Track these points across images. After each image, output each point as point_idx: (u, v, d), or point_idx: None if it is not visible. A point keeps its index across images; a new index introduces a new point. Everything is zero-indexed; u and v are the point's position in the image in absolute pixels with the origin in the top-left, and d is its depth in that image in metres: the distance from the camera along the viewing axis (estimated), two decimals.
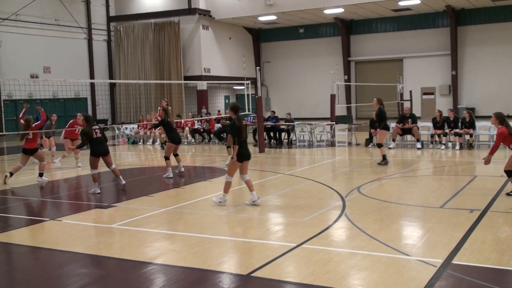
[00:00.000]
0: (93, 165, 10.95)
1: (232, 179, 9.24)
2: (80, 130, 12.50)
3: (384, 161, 13.71)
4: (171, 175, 12.75)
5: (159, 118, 15.36)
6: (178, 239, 7.35)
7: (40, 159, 12.86)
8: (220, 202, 9.26)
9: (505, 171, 9.38)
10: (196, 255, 6.48)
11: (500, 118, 9.36)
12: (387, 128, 14.32)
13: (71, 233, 7.85)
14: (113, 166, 11.32)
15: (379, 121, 14.17)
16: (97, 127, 11.10)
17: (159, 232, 7.72)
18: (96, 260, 6.56)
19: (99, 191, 10.90)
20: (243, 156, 9.14)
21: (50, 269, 6.36)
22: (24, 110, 14.35)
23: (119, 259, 6.49)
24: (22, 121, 12.83)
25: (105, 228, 8.12)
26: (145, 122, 22.73)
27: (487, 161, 9.35)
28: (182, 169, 13.38)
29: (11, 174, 12.70)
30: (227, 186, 9.23)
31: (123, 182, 11.28)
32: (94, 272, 6.24)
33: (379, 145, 13.95)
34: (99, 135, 10.99)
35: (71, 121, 15.44)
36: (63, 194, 11.58)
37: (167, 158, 12.82)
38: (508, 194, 9.43)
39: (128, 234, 7.66)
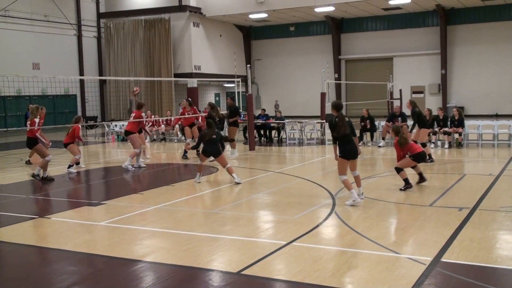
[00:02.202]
0: (202, 159, 11.42)
1: (345, 177, 8.98)
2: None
3: (430, 159, 13.65)
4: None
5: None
6: (168, 237, 7.33)
7: (73, 153, 13.67)
8: (353, 201, 8.79)
9: (395, 168, 10.32)
10: (186, 253, 6.47)
11: (395, 131, 10.48)
12: (427, 126, 14.28)
13: (60, 231, 7.81)
14: (228, 165, 11.36)
15: (418, 122, 14.11)
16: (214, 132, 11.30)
17: (149, 230, 7.70)
18: (85, 258, 6.53)
19: (200, 180, 11.33)
20: (348, 153, 8.95)
21: (39, 267, 6.32)
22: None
23: (108, 256, 6.47)
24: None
25: (95, 225, 8.08)
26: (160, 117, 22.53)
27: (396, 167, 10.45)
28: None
29: (70, 166, 13.56)
30: (347, 184, 8.95)
31: (237, 179, 11.15)
32: (83, 270, 6.21)
33: (424, 145, 13.92)
34: (213, 136, 11.17)
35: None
36: (52, 191, 11.50)
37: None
38: (401, 190, 10.07)
39: (118, 231, 7.64)
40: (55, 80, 28.11)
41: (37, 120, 12.29)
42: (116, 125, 24.45)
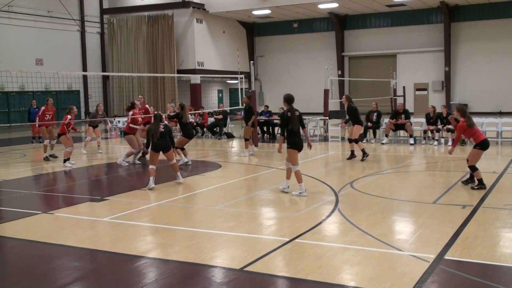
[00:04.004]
0: (152, 161, 10.73)
1: (298, 167, 9.45)
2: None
3: (365, 155, 13.66)
4: (190, 163, 13.57)
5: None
6: (171, 233, 7.33)
7: (65, 145, 13.77)
8: (300, 193, 9.33)
9: (469, 167, 9.94)
10: (189, 249, 6.47)
11: (461, 111, 9.95)
12: (360, 123, 14.25)
13: (64, 226, 7.82)
14: (174, 161, 11.05)
15: (351, 118, 14.08)
16: (162, 124, 10.86)
17: (152, 226, 7.70)
18: (88, 254, 6.54)
19: (153, 186, 10.41)
20: (297, 145, 9.35)
21: (42, 262, 6.33)
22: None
23: (111, 252, 6.47)
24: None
25: (98, 221, 8.09)
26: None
27: (450, 152, 10.27)
28: (190, 162, 13.77)
29: (66, 160, 13.73)
30: (298, 176, 9.41)
31: (181, 179, 10.93)
32: (86, 265, 6.22)
33: (356, 141, 13.87)
34: (161, 130, 10.74)
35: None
36: (55, 187, 11.52)
37: (182, 148, 13.61)
38: (468, 184, 9.89)
39: (121, 227, 7.64)
40: (58, 76, 28.18)
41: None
42: (119, 121, 24.46)
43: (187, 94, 33.82)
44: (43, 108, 15.81)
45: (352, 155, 13.88)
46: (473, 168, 9.81)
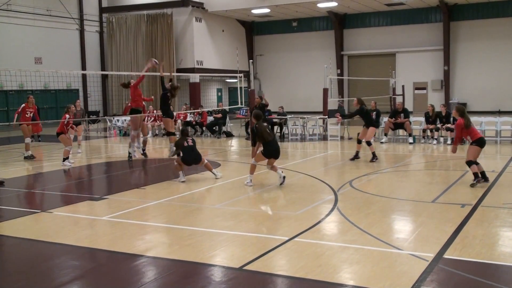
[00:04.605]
0: (180, 166, 11.14)
1: (256, 163, 10.38)
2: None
3: (374, 158, 13.62)
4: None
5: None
6: (170, 232, 7.33)
7: (64, 143, 13.79)
8: (247, 182, 10.37)
9: (466, 162, 10.07)
10: (188, 248, 6.46)
11: (460, 111, 10.08)
12: (375, 125, 14.17)
13: (62, 225, 7.81)
14: (206, 161, 11.28)
15: (364, 120, 13.88)
16: (190, 138, 11.22)
17: (151, 225, 7.70)
18: (87, 253, 6.53)
19: (184, 180, 11.01)
20: (270, 153, 10.16)
21: (41, 261, 6.32)
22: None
23: (110, 251, 6.46)
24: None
25: (97, 220, 8.09)
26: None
27: (453, 150, 10.40)
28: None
29: (65, 158, 13.68)
30: (253, 169, 10.43)
31: (218, 175, 11.26)
32: (85, 264, 6.21)
33: (369, 143, 13.78)
34: (190, 143, 11.07)
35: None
36: (54, 186, 11.51)
37: (173, 133, 14.23)
38: (472, 185, 9.77)
39: (120, 226, 7.63)
40: (58, 75, 28.15)
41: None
42: (118, 120, 24.43)
43: (186, 93, 33.80)
44: (23, 105, 15.52)
45: (356, 156, 13.74)
46: (469, 163, 9.94)
